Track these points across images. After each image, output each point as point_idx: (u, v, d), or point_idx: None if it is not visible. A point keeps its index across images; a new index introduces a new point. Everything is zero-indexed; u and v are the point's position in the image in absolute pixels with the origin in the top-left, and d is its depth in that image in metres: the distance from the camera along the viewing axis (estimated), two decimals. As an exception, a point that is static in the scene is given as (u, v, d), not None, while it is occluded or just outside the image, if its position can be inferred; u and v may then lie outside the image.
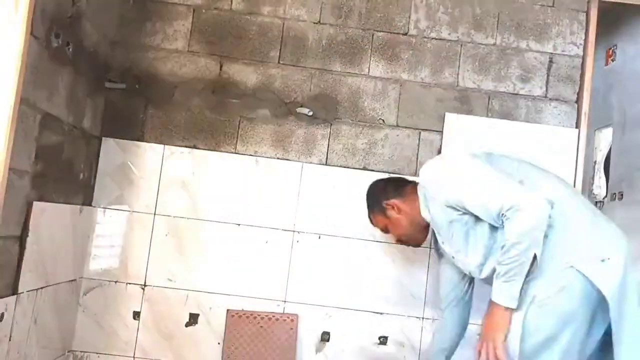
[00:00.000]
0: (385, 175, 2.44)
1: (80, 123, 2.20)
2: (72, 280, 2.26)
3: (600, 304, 1.55)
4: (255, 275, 2.41)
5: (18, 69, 1.63)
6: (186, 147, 2.45)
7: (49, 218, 1.97)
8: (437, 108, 2.49)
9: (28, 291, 1.88)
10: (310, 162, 2.46)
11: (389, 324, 2.40)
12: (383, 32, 2.51)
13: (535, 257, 1.52)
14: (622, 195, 3.20)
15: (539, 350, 1.57)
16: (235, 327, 2.36)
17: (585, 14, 2.54)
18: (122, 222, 2.41)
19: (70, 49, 2.02)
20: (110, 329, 2.37)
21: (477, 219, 1.66)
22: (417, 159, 2.47)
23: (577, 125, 2.49)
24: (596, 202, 3.52)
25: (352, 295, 2.41)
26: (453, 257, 1.82)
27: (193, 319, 2.39)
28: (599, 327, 1.61)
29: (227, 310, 2.38)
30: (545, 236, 1.53)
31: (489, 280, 1.67)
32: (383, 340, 2.39)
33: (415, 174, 2.46)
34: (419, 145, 2.48)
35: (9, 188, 1.68)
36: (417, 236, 1.96)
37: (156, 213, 2.42)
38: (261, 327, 2.37)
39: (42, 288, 1.98)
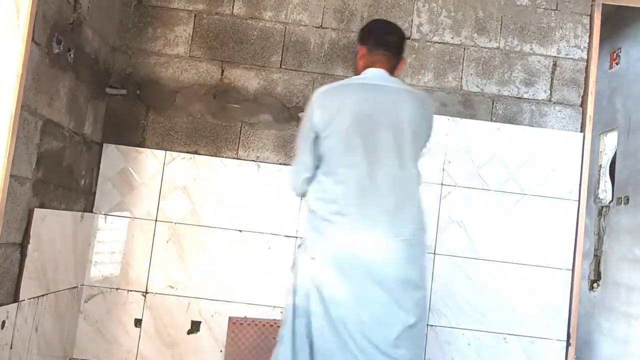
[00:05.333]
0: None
1: (81, 129, 2.20)
2: (73, 288, 2.25)
3: None
4: (258, 282, 2.39)
5: (19, 75, 1.63)
6: (187, 152, 2.44)
7: (50, 225, 1.95)
8: (440, 112, 2.47)
9: (29, 299, 1.86)
10: (313, 168, 2.44)
11: (393, 331, 2.37)
12: (385, 36, 2.50)
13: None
14: (627, 199, 3.17)
15: None
16: (237, 335, 2.34)
17: (589, 17, 2.53)
18: (123, 229, 2.39)
19: (72, 55, 2.02)
20: (111, 336, 2.36)
21: None
22: (420, 163, 2.45)
23: (582, 129, 2.47)
24: (602, 206, 3.49)
25: (355, 302, 2.38)
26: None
27: (195, 326, 2.37)
28: None
29: (229, 317, 2.35)
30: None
31: None
32: (387, 347, 2.37)
33: (419, 178, 2.44)
34: (422, 149, 2.46)
35: (10, 195, 1.67)
36: None
37: (157, 219, 2.40)
38: (263, 334, 2.35)
39: (43, 295, 1.96)
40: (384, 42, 1.77)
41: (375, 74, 1.73)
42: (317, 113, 1.68)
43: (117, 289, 2.38)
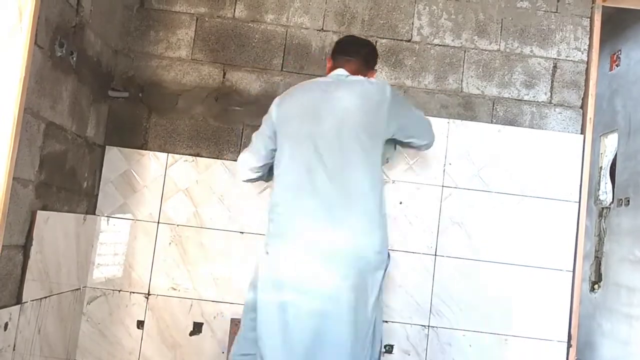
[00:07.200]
0: (387, 184, 2.44)
1: (83, 132, 2.21)
2: (75, 290, 2.26)
3: None
4: (260, 284, 2.39)
5: (22, 78, 1.64)
6: (190, 155, 2.45)
7: (53, 227, 1.96)
8: (441, 114, 2.48)
9: (32, 300, 1.87)
10: (314, 170, 2.45)
11: (394, 333, 2.38)
12: (386, 38, 2.51)
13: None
14: (628, 200, 3.18)
15: None
16: (240, 336, 2.35)
17: (589, 19, 2.53)
18: (125, 231, 2.40)
19: (74, 58, 2.03)
20: (114, 338, 2.36)
21: None
22: (421, 165, 2.46)
23: (582, 131, 2.48)
24: (602, 207, 3.50)
25: (356, 303, 2.39)
26: None
27: (197, 328, 2.38)
28: None
29: (231, 319, 2.36)
30: None
31: None
32: (389, 349, 2.37)
33: (420, 180, 2.45)
34: (423, 151, 2.46)
35: (12, 197, 1.68)
36: None
37: (160, 221, 2.41)
38: (265, 335, 2.35)
39: (45, 297, 1.97)
40: (344, 51, 1.91)
41: (336, 73, 1.86)
42: (274, 111, 1.84)
43: (119, 290, 2.38)
